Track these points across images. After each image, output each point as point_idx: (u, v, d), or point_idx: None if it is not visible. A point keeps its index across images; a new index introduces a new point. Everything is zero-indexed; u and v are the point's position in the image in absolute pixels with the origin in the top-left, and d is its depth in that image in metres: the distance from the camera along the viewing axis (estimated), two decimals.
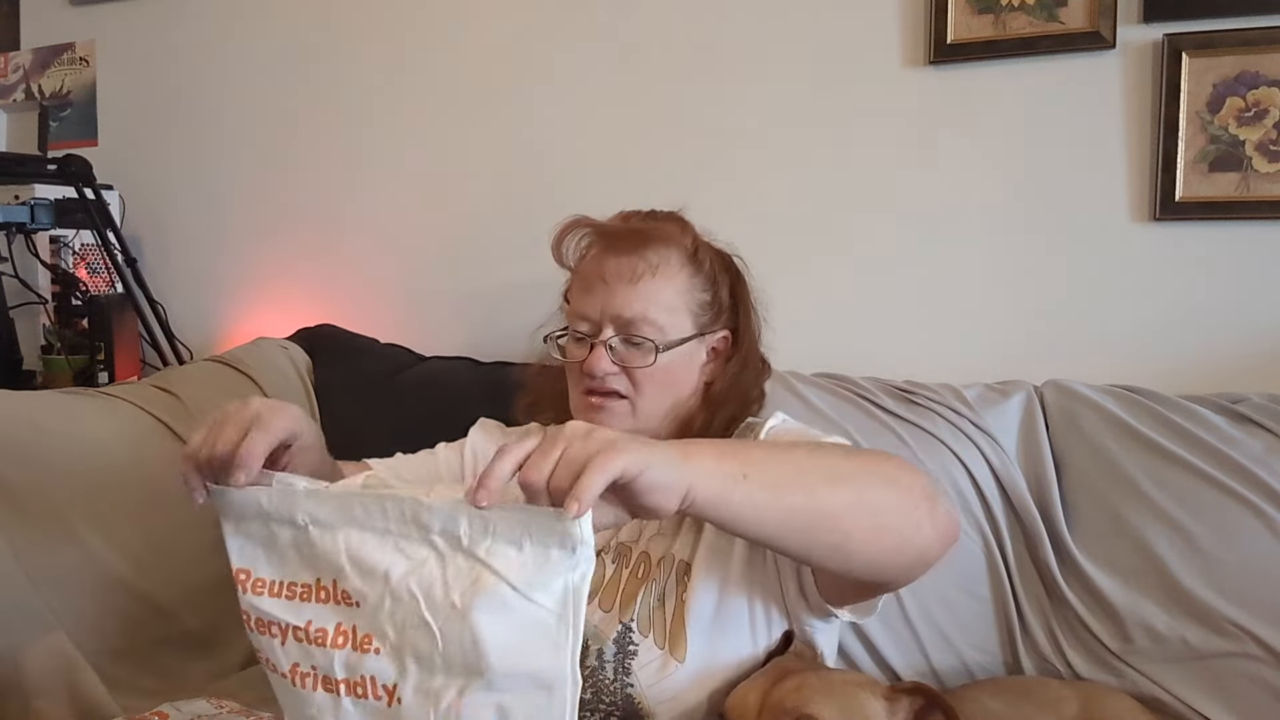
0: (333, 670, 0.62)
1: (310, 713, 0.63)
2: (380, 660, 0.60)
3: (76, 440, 1.28)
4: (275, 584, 0.64)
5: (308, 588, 0.63)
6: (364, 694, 0.61)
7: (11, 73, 2.12)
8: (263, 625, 0.65)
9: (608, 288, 0.96)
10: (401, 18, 1.78)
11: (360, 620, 0.61)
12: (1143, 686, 1.11)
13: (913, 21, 1.45)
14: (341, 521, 0.62)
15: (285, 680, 0.64)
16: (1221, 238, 1.32)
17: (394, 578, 0.60)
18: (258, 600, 0.64)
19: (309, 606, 0.63)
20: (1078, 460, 1.20)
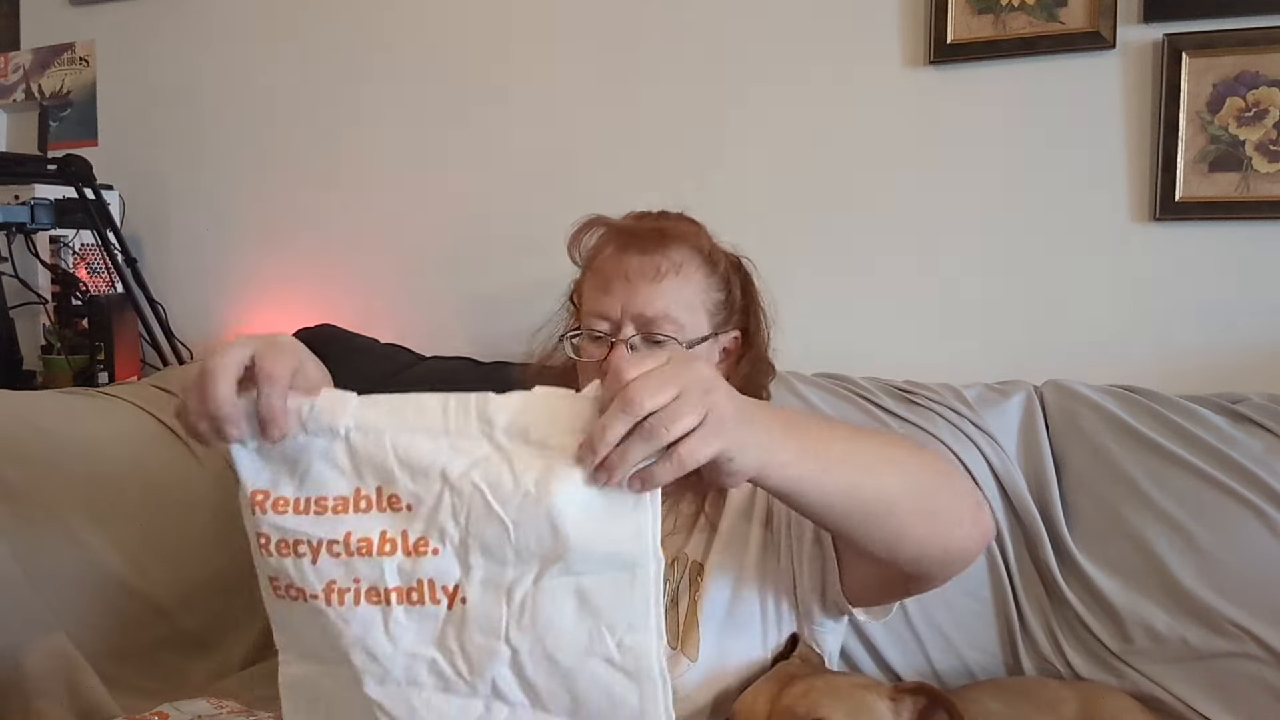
0: (382, 579, 0.59)
1: (348, 629, 0.60)
2: (440, 560, 0.59)
3: (76, 440, 1.28)
4: (302, 500, 0.61)
5: (343, 500, 0.60)
6: (419, 599, 0.59)
7: (11, 73, 2.12)
8: (286, 546, 0.61)
9: (630, 285, 0.95)
10: (402, 17, 1.78)
11: (413, 523, 0.59)
12: (1143, 686, 1.11)
13: (913, 21, 1.45)
14: (390, 425, 0.60)
15: (318, 603, 0.60)
16: (1221, 238, 1.32)
17: (453, 474, 0.58)
18: (281, 519, 0.60)
19: (346, 518, 0.60)
20: (1078, 460, 1.20)
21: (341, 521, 0.60)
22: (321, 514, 0.60)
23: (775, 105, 1.53)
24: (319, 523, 0.60)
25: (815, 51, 1.51)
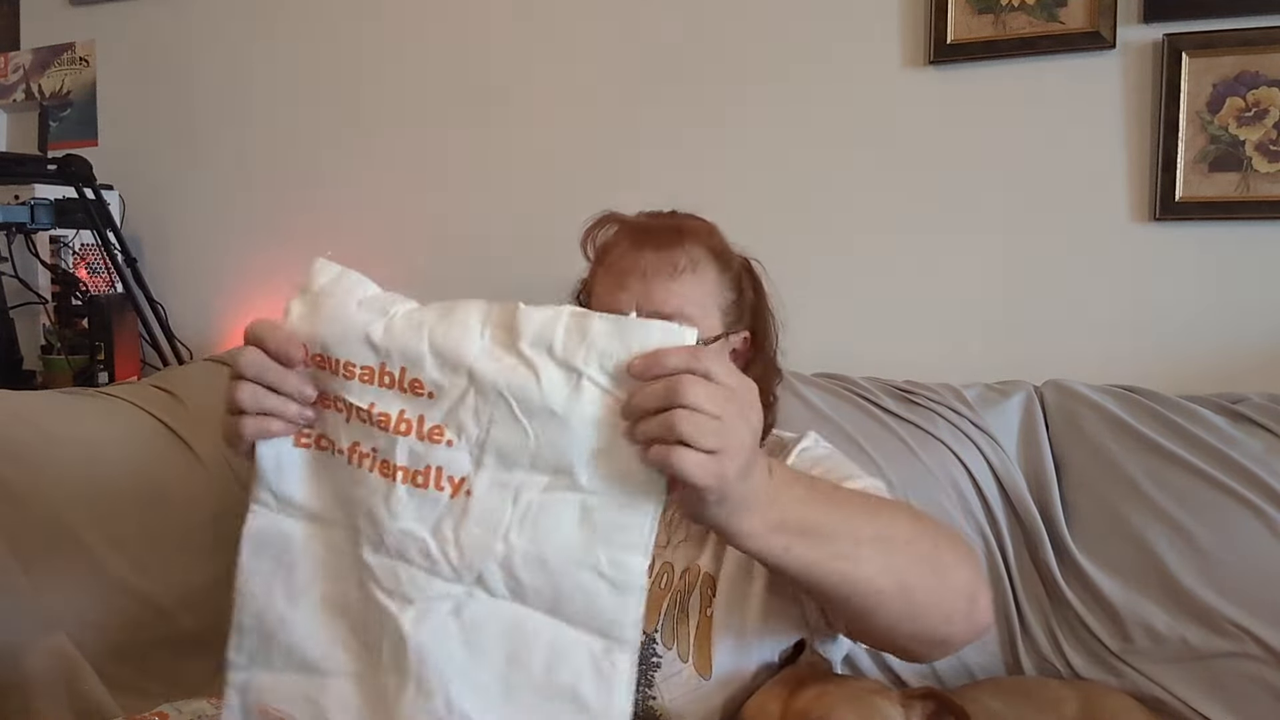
0: (393, 455, 0.62)
1: (359, 491, 0.63)
2: (452, 452, 0.61)
3: (76, 440, 1.28)
4: (340, 363, 0.63)
5: (370, 370, 0.62)
6: (424, 484, 0.61)
7: (11, 73, 2.12)
8: (327, 400, 0.64)
9: (645, 281, 0.94)
10: (402, 18, 1.78)
11: (431, 411, 0.61)
12: (1143, 686, 1.11)
13: (913, 21, 1.45)
14: (434, 319, 0.63)
15: (341, 458, 0.64)
16: (1221, 238, 1.32)
17: (481, 376, 0.60)
18: (322, 374, 0.64)
19: (370, 390, 0.62)
20: (1078, 460, 1.20)
21: (368, 391, 0.63)
22: (350, 379, 0.63)
23: (775, 105, 1.53)
24: (350, 386, 0.63)
25: (815, 51, 1.51)
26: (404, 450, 0.62)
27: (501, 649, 0.61)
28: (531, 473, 0.61)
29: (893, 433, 1.25)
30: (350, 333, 0.63)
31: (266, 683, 0.66)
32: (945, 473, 1.21)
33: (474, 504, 0.61)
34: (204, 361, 1.66)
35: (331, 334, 0.63)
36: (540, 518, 0.60)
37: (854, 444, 1.23)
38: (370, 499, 0.62)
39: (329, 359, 0.63)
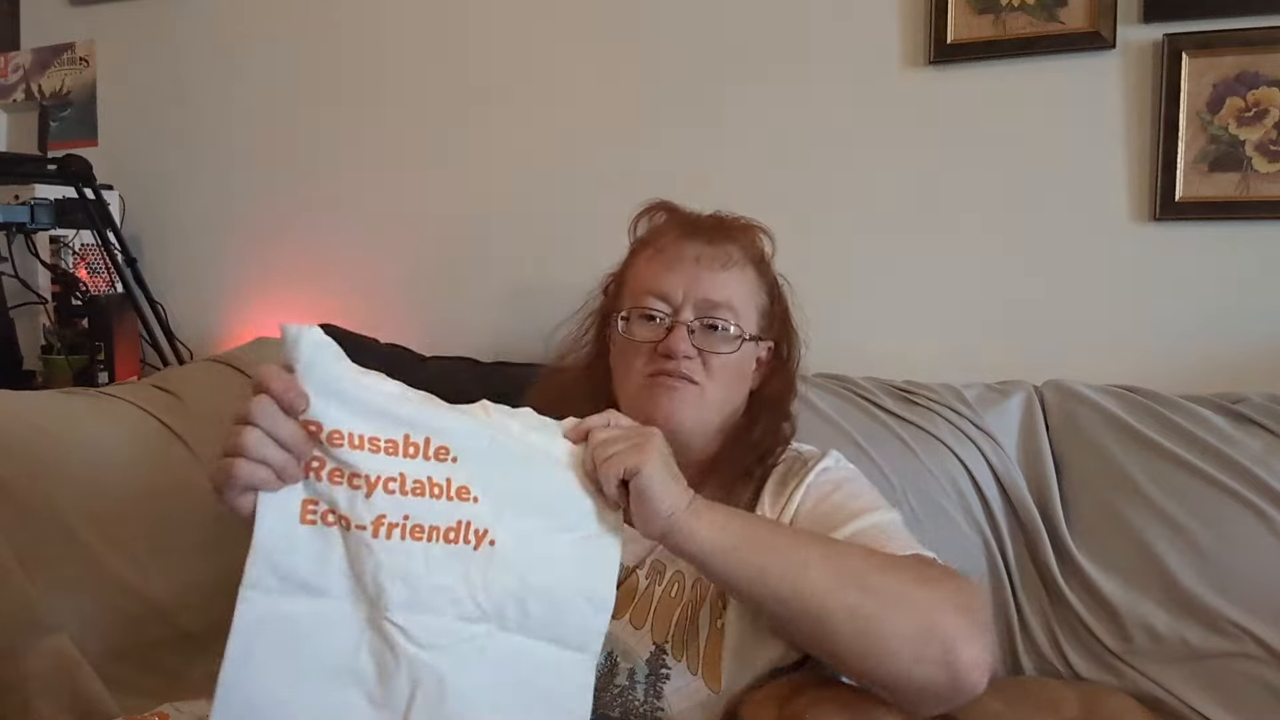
0: (430, 517, 0.67)
1: (389, 559, 0.65)
2: (477, 508, 0.68)
3: (76, 440, 1.28)
4: (357, 436, 0.65)
5: (394, 443, 0.66)
6: (455, 539, 0.67)
7: (11, 73, 2.12)
8: (340, 475, 0.65)
9: (696, 269, 0.95)
10: (403, 17, 1.78)
11: (457, 473, 0.68)
12: (1143, 686, 1.11)
13: (913, 21, 1.45)
14: (441, 402, 0.70)
15: (364, 534, 0.65)
16: (1221, 238, 1.32)
17: (498, 436, 0.70)
18: (337, 451, 0.65)
19: (396, 460, 0.66)
20: (1078, 460, 1.20)
21: (394, 462, 0.66)
22: (375, 452, 0.66)
23: (775, 105, 1.53)
24: (375, 460, 0.66)
25: (815, 51, 1.51)
26: (439, 511, 0.67)
27: (516, 677, 0.69)
28: (536, 519, 0.70)
29: (893, 433, 1.25)
30: (371, 407, 0.66)
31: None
32: (945, 473, 1.21)
33: (498, 553, 0.68)
34: (204, 361, 1.66)
35: (343, 409, 0.65)
36: (548, 558, 0.70)
37: (854, 444, 1.23)
38: (405, 564, 0.66)
39: (344, 434, 0.65)
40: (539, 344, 1.68)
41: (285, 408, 0.63)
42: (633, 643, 0.88)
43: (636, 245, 1.05)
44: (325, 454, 0.65)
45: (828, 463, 0.96)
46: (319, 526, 0.66)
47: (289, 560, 0.66)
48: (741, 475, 0.97)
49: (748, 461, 0.97)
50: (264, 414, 0.63)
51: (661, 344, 0.93)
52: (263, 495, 0.65)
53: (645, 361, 0.95)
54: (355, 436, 0.65)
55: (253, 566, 0.66)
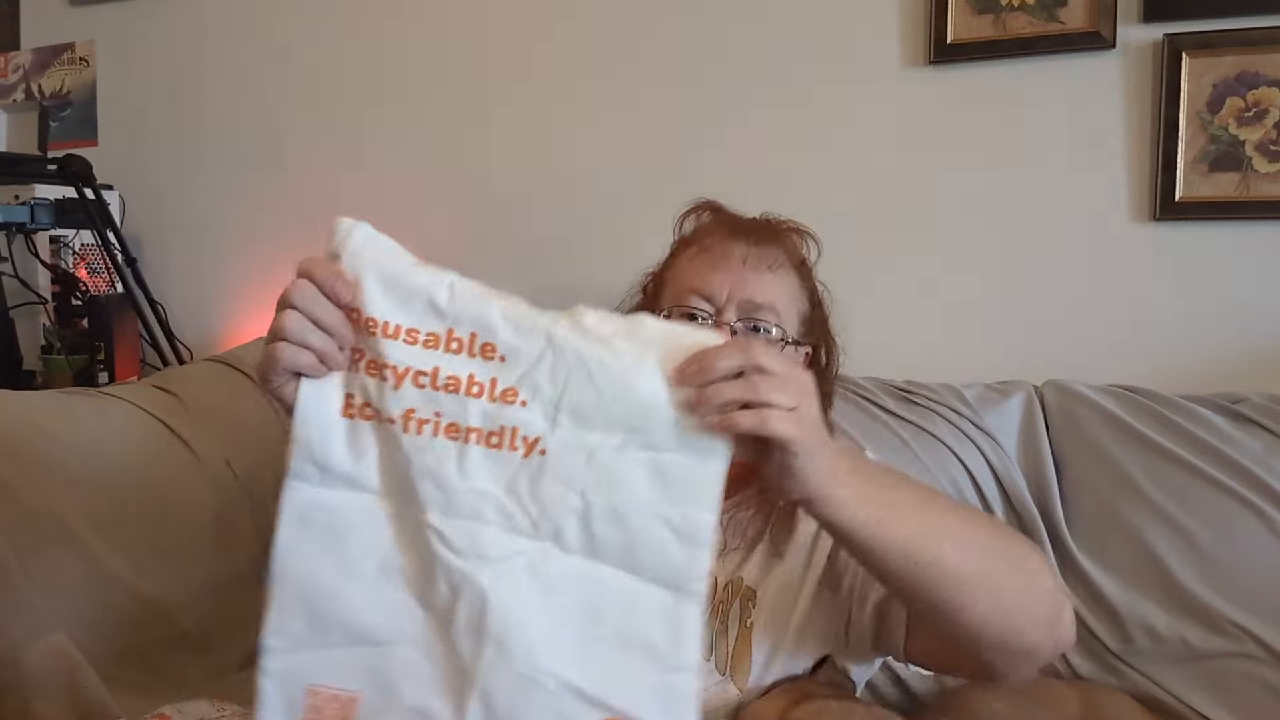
0: (465, 418, 0.62)
1: (421, 457, 0.63)
2: (526, 413, 0.63)
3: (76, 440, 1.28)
4: (392, 325, 0.63)
5: (435, 336, 0.63)
6: (498, 444, 0.63)
7: (11, 73, 2.12)
8: (374, 367, 0.63)
9: (743, 269, 0.94)
10: (403, 17, 1.78)
11: (504, 374, 0.63)
12: (1143, 686, 1.11)
13: (913, 21, 1.45)
14: (496, 293, 0.65)
15: (393, 428, 0.63)
16: (1221, 238, 1.32)
17: (558, 340, 0.62)
18: (372, 340, 0.63)
19: (435, 354, 0.63)
20: (1078, 460, 1.20)
21: (431, 356, 0.63)
22: (411, 344, 0.63)
23: (775, 105, 1.53)
24: (409, 351, 0.62)
25: (815, 51, 1.51)
26: (476, 412, 0.62)
27: (578, 604, 0.63)
28: (606, 433, 0.62)
29: (893, 433, 1.25)
30: (411, 298, 0.63)
31: (315, 662, 0.64)
32: (945, 473, 1.21)
33: (549, 462, 0.63)
34: (204, 361, 1.66)
35: (384, 299, 0.63)
36: (615, 475, 0.62)
37: (854, 444, 1.23)
38: (436, 464, 0.62)
39: (379, 323, 0.62)
40: None
41: (327, 293, 0.62)
42: None
43: (679, 244, 1.04)
44: (365, 344, 0.63)
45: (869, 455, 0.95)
46: (356, 420, 0.64)
47: (327, 452, 0.64)
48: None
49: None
50: (304, 297, 0.62)
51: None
52: (303, 386, 0.63)
53: None
54: (391, 326, 0.62)
55: (294, 457, 0.64)
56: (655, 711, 0.62)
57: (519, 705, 0.62)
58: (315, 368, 0.62)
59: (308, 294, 0.62)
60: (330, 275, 0.62)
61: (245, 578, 1.39)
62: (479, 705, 0.62)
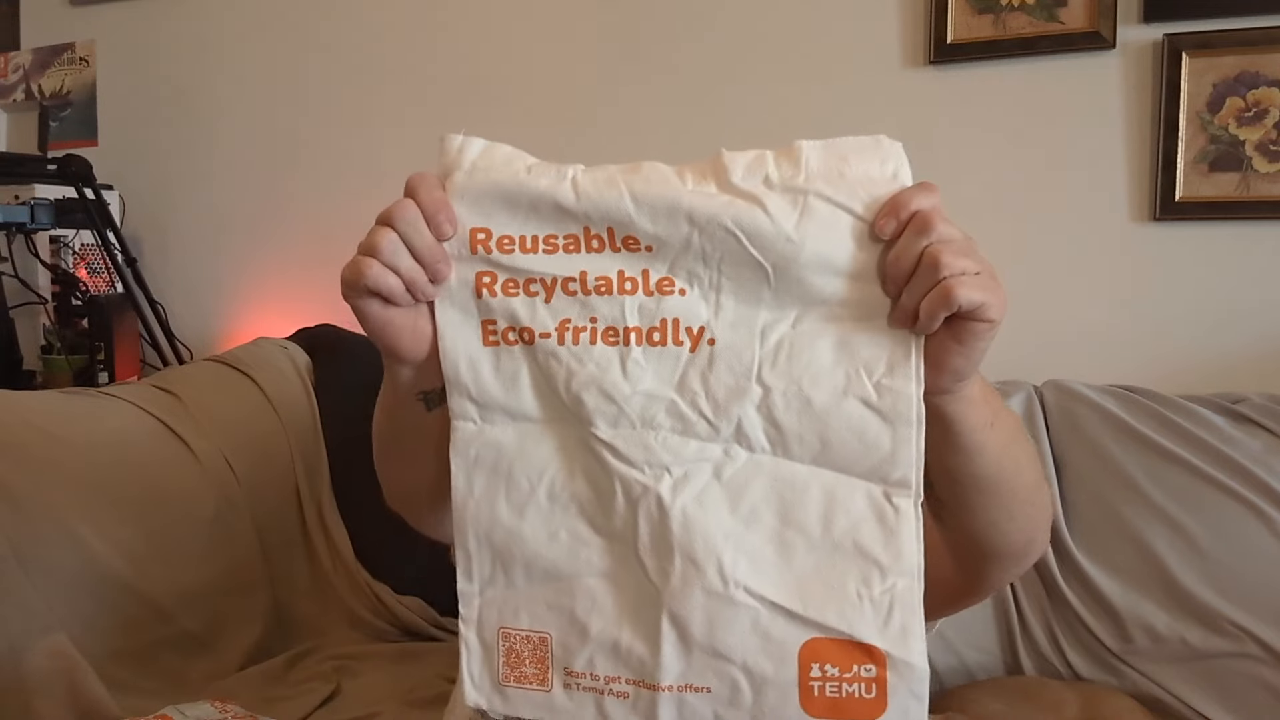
0: (622, 318, 0.58)
1: (582, 369, 0.58)
2: (686, 301, 0.58)
3: (76, 440, 1.28)
4: (529, 238, 0.59)
5: (573, 238, 0.58)
6: (661, 340, 0.58)
7: (11, 73, 2.12)
8: (515, 285, 0.58)
9: None
10: (403, 17, 1.78)
11: (655, 264, 0.58)
12: (1143, 686, 1.11)
13: (913, 21, 1.45)
14: (626, 174, 0.60)
15: (549, 341, 0.58)
16: (1221, 238, 1.32)
17: (701, 217, 0.57)
18: (508, 258, 0.58)
19: (578, 257, 0.58)
20: (1078, 460, 1.20)
21: (574, 260, 0.58)
22: (552, 252, 0.58)
23: (775, 105, 1.53)
24: (551, 260, 0.58)
25: (815, 51, 1.51)
26: (633, 309, 0.58)
27: (771, 508, 0.57)
28: (777, 309, 0.57)
29: None
30: (540, 204, 0.58)
31: (505, 604, 0.60)
32: None
33: (719, 351, 0.57)
34: (204, 361, 1.66)
35: (511, 213, 0.59)
36: (794, 353, 0.57)
37: None
38: (599, 373, 0.58)
39: (515, 239, 0.58)
40: None
41: (429, 221, 0.58)
42: None
43: None
44: (496, 266, 0.58)
45: None
46: (502, 347, 0.59)
47: (480, 385, 0.59)
48: None
49: None
50: (405, 219, 0.58)
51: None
52: (441, 325, 0.60)
53: None
54: (528, 239, 0.58)
55: (452, 399, 0.60)
56: (875, 627, 0.56)
57: (716, 627, 0.56)
58: (400, 294, 0.59)
59: (410, 216, 0.58)
60: (436, 203, 0.58)
61: (245, 578, 1.39)
62: (673, 631, 0.56)
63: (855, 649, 0.56)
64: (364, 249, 0.59)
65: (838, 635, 0.56)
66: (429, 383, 0.64)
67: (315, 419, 1.53)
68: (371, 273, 0.58)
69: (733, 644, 0.56)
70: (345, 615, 1.42)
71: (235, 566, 1.37)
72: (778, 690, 0.56)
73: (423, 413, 0.66)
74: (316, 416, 1.53)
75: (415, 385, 0.65)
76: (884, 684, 0.55)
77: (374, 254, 0.58)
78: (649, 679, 0.57)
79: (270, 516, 1.45)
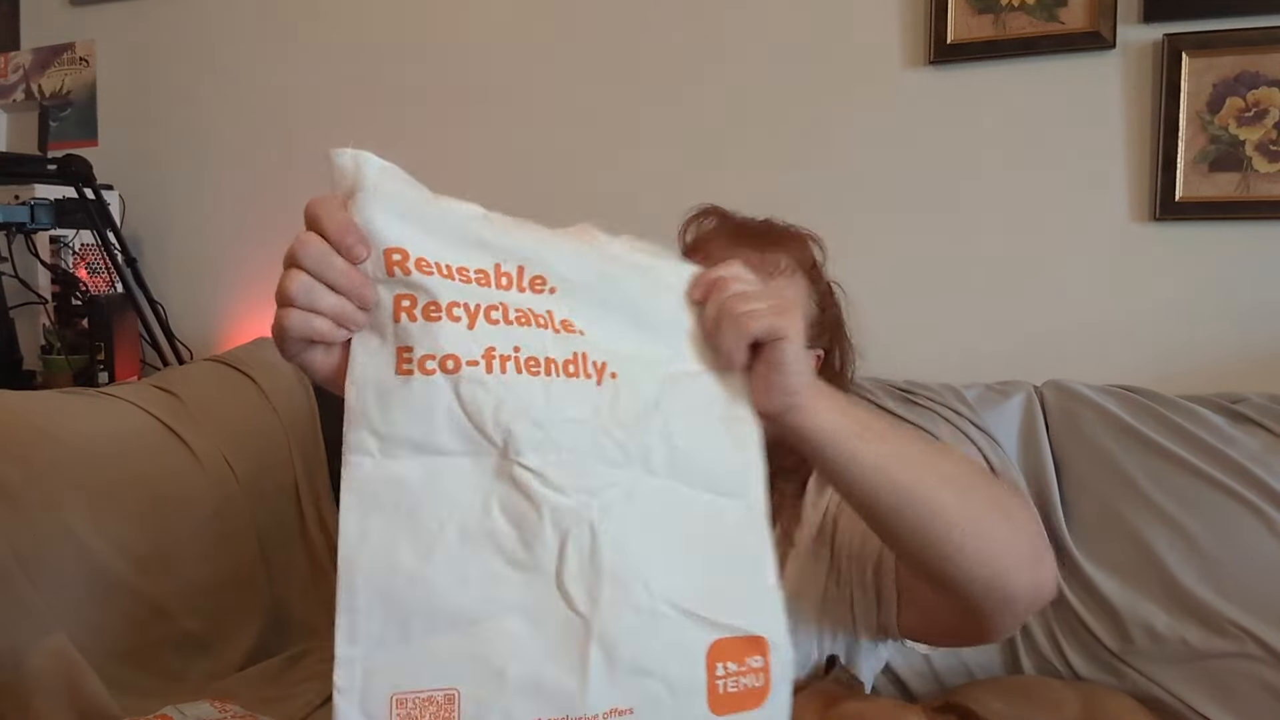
0: (543, 349, 0.59)
1: (507, 396, 0.57)
2: (588, 340, 0.61)
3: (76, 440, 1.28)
4: (444, 265, 0.57)
5: (484, 273, 0.59)
6: (575, 373, 0.60)
7: (11, 73, 2.12)
8: (435, 310, 0.56)
9: None
10: (399, 19, 1.78)
11: (559, 305, 0.61)
12: (1143, 686, 1.11)
13: (913, 21, 1.45)
14: (530, 223, 0.64)
15: (476, 370, 0.57)
16: (1221, 238, 1.32)
17: (603, 267, 0.63)
18: (427, 280, 0.56)
19: (490, 290, 0.58)
20: (1078, 460, 1.20)
21: (488, 293, 0.59)
22: (467, 283, 0.58)
23: (775, 105, 1.53)
24: (469, 289, 0.58)
25: (815, 51, 1.51)
26: (551, 343, 0.59)
27: (676, 525, 0.61)
28: (663, 350, 0.63)
29: None
30: (454, 233, 0.58)
31: (399, 665, 0.55)
32: None
33: (622, 383, 0.61)
34: (204, 361, 1.66)
35: (425, 236, 0.57)
36: (677, 390, 0.63)
37: None
38: (529, 402, 0.57)
39: (432, 263, 0.57)
40: None
41: (340, 250, 0.55)
42: None
43: (685, 252, 1.02)
44: (414, 288, 0.56)
45: None
46: (416, 376, 0.56)
47: (388, 417, 0.56)
48: (800, 488, 0.96)
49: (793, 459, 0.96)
50: (311, 254, 0.55)
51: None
52: (354, 351, 0.57)
53: None
54: (444, 265, 0.57)
55: (350, 430, 0.56)
56: (761, 622, 0.61)
57: (642, 642, 0.57)
58: (331, 333, 0.56)
59: (315, 250, 0.55)
60: (342, 227, 0.55)
61: (245, 577, 1.39)
62: (600, 654, 0.56)
63: (748, 643, 0.60)
64: (279, 299, 0.56)
65: (736, 633, 0.60)
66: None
67: (315, 419, 1.53)
68: (292, 322, 0.55)
69: (655, 658, 0.58)
70: None
71: (235, 566, 1.38)
72: (691, 695, 0.58)
73: None
74: (316, 416, 1.53)
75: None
76: (769, 671, 0.60)
77: (289, 302, 0.56)
78: (575, 713, 0.55)
79: (270, 516, 1.45)
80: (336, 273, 0.55)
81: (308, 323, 0.55)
